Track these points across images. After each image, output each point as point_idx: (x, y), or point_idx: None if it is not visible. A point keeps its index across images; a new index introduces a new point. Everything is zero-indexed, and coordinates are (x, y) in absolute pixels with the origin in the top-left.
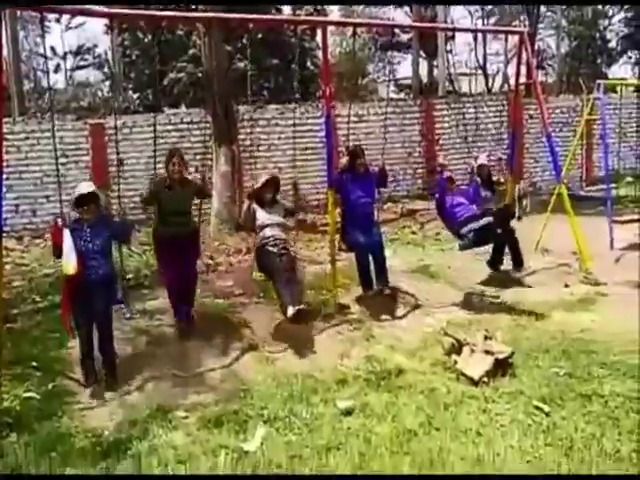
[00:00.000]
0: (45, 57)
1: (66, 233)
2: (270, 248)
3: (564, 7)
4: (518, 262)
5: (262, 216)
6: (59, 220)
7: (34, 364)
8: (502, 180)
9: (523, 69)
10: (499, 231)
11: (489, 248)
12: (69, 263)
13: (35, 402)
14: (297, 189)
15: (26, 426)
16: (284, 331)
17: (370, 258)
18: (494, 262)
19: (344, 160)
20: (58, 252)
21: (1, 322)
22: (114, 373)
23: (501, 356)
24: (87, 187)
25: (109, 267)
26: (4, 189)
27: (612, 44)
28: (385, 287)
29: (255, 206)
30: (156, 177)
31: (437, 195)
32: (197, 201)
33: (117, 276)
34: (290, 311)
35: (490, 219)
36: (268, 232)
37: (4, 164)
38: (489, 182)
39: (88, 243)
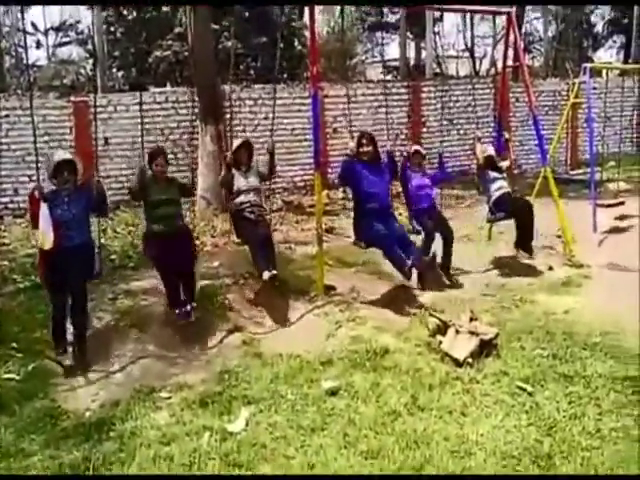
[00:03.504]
0: (25, 32)
1: (43, 207)
2: (247, 214)
3: None
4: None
5: (239, 181)
6: (36, 191)
7: (14, 345)
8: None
9: (510, 52)
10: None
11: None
12: (46, 237)
13: (15, 383)
14: (273, 155)
15: (6, 407)
16: (270, 311)
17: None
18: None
19: (352, 144)
20: (35, 223)
21: None
22: (83, 347)
23: (486, 337)
24: (64, 154)
25: (87, 237)
26: None
27: (598, 28)
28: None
29: (233, 171)
30: (139, 169)
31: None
32: None
33: (95, 248)
34: (266, 275)
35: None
36: (244, 197)
37: None
38: (495, 166)
39: (65, 212)
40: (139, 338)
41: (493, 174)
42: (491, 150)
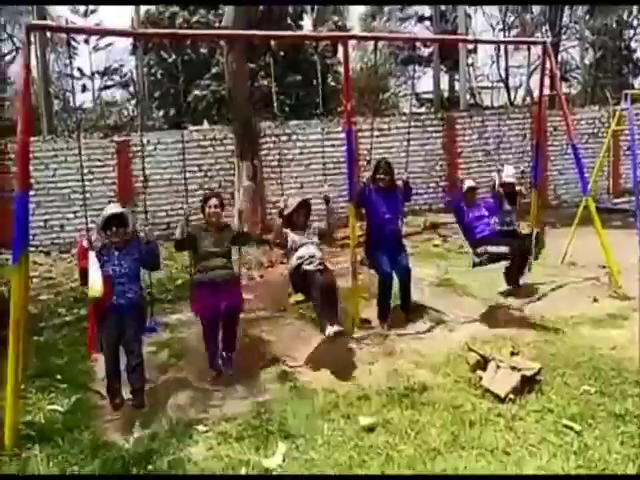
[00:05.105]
0: (72, 77)
1: (91, 256)
2: (306, 267)
3: (587, 18)
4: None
5: (295, 238)
6: (85, 241)
7: (59, 377)
8: (524, 192)
9: (547, 81)
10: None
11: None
12: (95, 287)
13: (59, 415)
14: (329, 204)
15: (50, 439)
16: (307, 346)
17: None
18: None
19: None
20: (85, 277)
21: (27, 335)
22: (142, 400)
23: (528, 373)
24: (115, 208)
25: (138, 292)
26: (33, 205)
27: (638, 54)
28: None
29: (287, 230)
30: (186, 218)
31: (455, 204)
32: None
33: (147, 303)
34: (328, 331)
35: (506, 250)
36: (302, 251)
37: (33, 181)
38: (512, 196)
39: (116, 266)
40: (177, 371)
41: (507, 206)
42: (511, 177)
